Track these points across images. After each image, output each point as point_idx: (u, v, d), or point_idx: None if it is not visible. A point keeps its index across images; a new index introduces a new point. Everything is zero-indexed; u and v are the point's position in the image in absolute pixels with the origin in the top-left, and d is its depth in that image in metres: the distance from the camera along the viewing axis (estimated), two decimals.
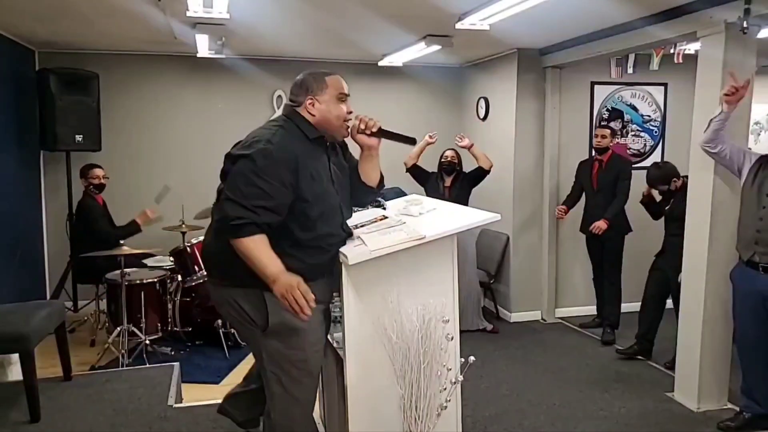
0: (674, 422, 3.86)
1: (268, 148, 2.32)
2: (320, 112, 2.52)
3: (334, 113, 2.55)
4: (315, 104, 2.51)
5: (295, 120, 2.50)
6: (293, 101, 2.55)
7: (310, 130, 2.49)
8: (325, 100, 2.52)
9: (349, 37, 5.39)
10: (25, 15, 4.55)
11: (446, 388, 2.47)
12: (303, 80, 2.56)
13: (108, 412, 3.53)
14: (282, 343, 2.44)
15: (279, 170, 2.32)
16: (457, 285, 2.68)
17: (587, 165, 5.58)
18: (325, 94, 2.53)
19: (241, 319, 2.47)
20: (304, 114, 2.51)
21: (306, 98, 2.51)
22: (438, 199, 5.23)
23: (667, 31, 4.24)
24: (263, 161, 2.30)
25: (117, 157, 6.11)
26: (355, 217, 3.03)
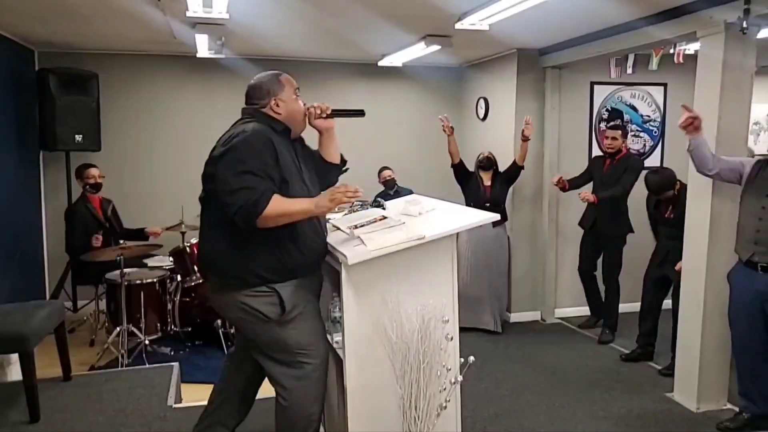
0: (674, 423, 3.86)
1: (246, 137, 2.44)
2: (285, 110, 2.65)
3: (297, 108, 2.69)
4: (279, 103, 2.63)
5: (260, 117, 2.61)
6: (256, 104, 2.66)
7: (276, 124, 2.62)
8: (286, 98, 2.65)
9: (348, 37, 5.39)
10: (25, 15, 4.54)
11: (446, 388, 2.47)
12: (261, 84, 2.67)
13: (107, 412, 3.53)
14: (296, 330, 2.54)
15: (261, 151, 2.44)
16: (456, 284, 2.68)
17: (600, 160, 5.56)
18: (285, 92, 2.66)
19: (253, 318, 2.50)
20: (269, 113, 2.63)
21: (270, 99, 2.63)
22: (478, 198, 5.45)
23: (667, 32, 4.24)
24: (244, 147, 2.42)
25: (116, 157, 6.11)
26: (355, 217, 3.03)
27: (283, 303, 2.49)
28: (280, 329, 2.52)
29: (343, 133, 7.13)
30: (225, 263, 2.50)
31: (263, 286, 2.48)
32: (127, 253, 4.76)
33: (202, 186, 2.57)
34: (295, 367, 2.55)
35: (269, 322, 2.50)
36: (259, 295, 2.49)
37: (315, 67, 6.64)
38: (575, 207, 6.08)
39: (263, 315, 2.49)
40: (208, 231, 2.60)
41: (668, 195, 4.65)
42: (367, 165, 6.57)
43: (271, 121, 2.60)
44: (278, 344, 2.55)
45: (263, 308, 2.49)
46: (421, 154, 7.01)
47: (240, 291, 2.49)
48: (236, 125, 2.61)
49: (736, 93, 3.77)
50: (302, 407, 2.58)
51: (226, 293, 2.54)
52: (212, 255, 2.56)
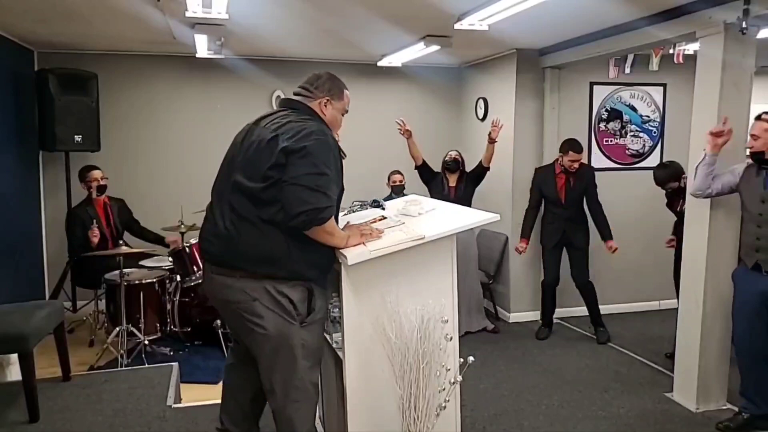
0: (673, 423, 3.86)
1: (325, 139, 2.48)
2: (330, 115, 2.70)
3: (338, 123, 2.78)
4: (329, 106, 2.69)
5: (316, 118, 2.63)
6: (308, 91, 2.68)
7: (328, 128, 2.65)
8: (337, 108, 2.74)
9: (348, 38, 5.39)
10: (25, 15, 4.54)
11: (445, 389, 2.47)
12: (327, 79, 2.73)
13: (107, 413, 3.52)
14: (314, 332, 2.58)
15: (335, 158, 2.51)
16: (456, 285, 2.68)
17: (550, 175, 5.42)
18: (339, 103, 2.75)
19: (281, 311, 2.48)
20: (316, 109, 2.65)
21: (324, 96, 2.67)
22: (442, 198, 5.28)
23: (666, 32, 4.24)
24: (324, 150, 2.44)
25: (116, 157, 6.10)
26: (354, 217, 3.03)
27: (313, 303, 2.53)
28: (301, 330, 2.53)
29: (342, 132, 7.14)
30: (280, 253, 2.45)
31: (305, 282, 2.51)
32: (126, 253, 4.77)
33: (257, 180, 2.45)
34: (310, 362, 2.57)
35: (288, 320, 2.49)
36: (298, 290, 2.50)
37: (314, 67, 6.52)
38: None
39: (295, 310, 2.49)
40: (259, 223, 2.46)
41: (673, 186, 4.65)
42: (366, 165, 6.58)
43: (324, 125, 2.62)
44: (292, 344, 2.52)
45: (299, 304, 2.50)
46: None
47: (282, 281, 2.47)
48: (288, 115, 2.58)
49: (736, 93, 3.77)
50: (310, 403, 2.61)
51: (255, 280, 2.47)
52: (266, 243, 2.45)
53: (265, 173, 2.41)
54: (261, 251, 2.45)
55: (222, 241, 2.52)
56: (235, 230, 2.48)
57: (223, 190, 2.57)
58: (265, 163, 2.42)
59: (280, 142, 2.41)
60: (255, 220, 2.45)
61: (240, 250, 2.49)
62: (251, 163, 2.47)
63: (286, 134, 2.43)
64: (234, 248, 2.50)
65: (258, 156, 2.45)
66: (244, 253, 2.48)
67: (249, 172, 2.47)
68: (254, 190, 2.44)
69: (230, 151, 2.64)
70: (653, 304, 6.22)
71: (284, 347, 2.51)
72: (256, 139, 2.50)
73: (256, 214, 2.45)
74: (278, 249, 2.45)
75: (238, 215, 2.48)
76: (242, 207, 2.47)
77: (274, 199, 2.42)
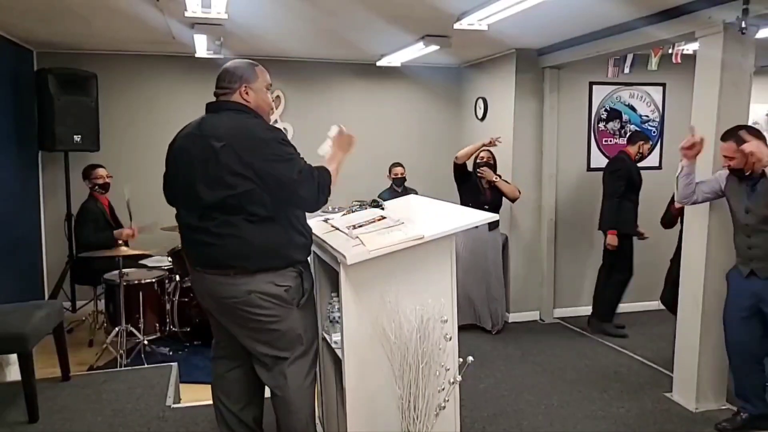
0: (672, 423, 3.86)
1: (260, 129, 2.55)
2: (254, 100, 2.65)
3: (266, 101, 2.70)
4: (249, 92, 2.64)
5: (245, 109, 2.63)
6: (224, 88, 2.68)
7: (259, 116, 2.66)
8: (257, 89, 2.66)
9: (347, 38, 5.39)
10: (24, 15, 4.54)
11: (444, 388, 2.47)
12: (236, 68, 2.68)
13: (106, 413, 3.52)
14: (309, 311, 2.74)
15: (284, 136, 2.60)
16: (455, 285, 2.68)
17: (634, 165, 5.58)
18: (257, 82, 2.66)
19: (278, 301, 2.55)
20: (238, 100, 2.64)
21: (241, 85, 2.63)
22: (476, 201, 5.28)
23: (666, 32, 4.24)
24: (270, 139, 2.51)
25: (115, 157, 6.10)
26: (353, 217, 3.03)
27: (305, 285, 2.65)
28: (300, 312, 2.64)
29: None
30: (270, 247, 2.52)
31: (291, 266, 2.59)
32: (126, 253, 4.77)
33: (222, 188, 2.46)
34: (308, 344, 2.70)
35: (285, 306, 2.58)
36: (288, 276, 2.58)
37: (313, 68, 6.64)
38: (574, 206, 6.11)
39: (289, 296, 2.58)
40: (240, 224, 2.48)
41: None
42: (365, 165, 6.58)
43: (254, 112, 2.63)
44: (289, 331, 2.62)
45: (294, 288, 2.59)
46: (420, 154, 7.01)
47: (271, 272, 2.54)
48: (221, 117, 2.60)
49: (735, 93, 3.77)
50: (302, 399, 2.68)
51: (249, 275, 2.52)
52: (258, 241, 2.50)
53: (229, 181, 2.44)
54: (248, 249, 2.50)
55: (208, 248, 2.55)
56: (218, 237, 2.51)
57: (190, 201, 2.57)
58: (225, 172, 2.43)
59: (236, 151, 2.44)
60: (236, 222, 2.49)
61: (227, 252, 2.52)
62: (211, 174, 2.46)
63: (236, 142, 2.46)
64: (221, 252, 2.53)
65: (217, 166, 2.44)
66: (233, 253, 2.52)
67: (212, 183, 2.47)
68: (228, 194, 2.45)
69: (179, 161, 2.64)
70: (653, 304, 6.21)
71: (288, 333, 2.62)
72: (209, 149, 2.47)
73: (233, 217, 2.49)
74: (264, 244, 2.51)
75: (215, 221, 2.50)
76: (217, 214, 2.50)
77: (247, 201, 2.46)
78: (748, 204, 3.48)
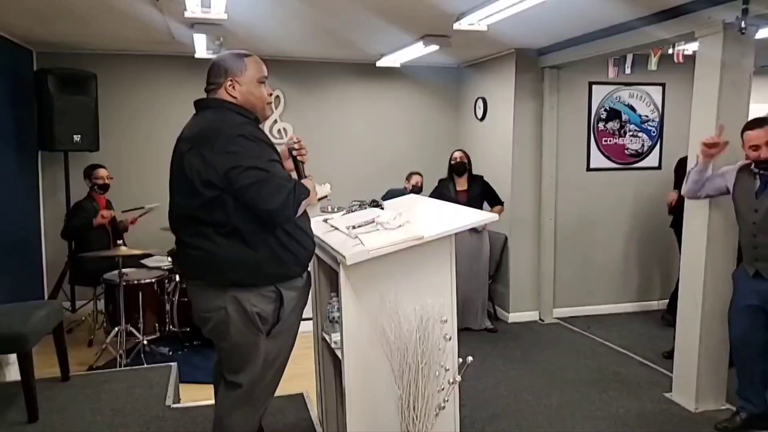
0: (672, 423, 3.86)
1: (230, 131, 2.26)
2: (242, 94, 2.41)
3: (257, 95, 2.45)
4: (235, 86, 2.40)
5: (226, 106, 2.39)
6: (211, 84, 2.44)
7: (246, 112, 2.41)
8: (246, 82, 2.42)
9: (346, 38, 5.39)
10: (23, 15, 4.54)
11: (444, 389, 2.47)
12: (221, 61, 2.44)
13: (106, 413, 3.52)
14: (281, 342, 2.49)
15: (252, 138, 2.28)
16: (455, 285, 2.68)
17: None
18: (245, 75, 2.42)
19: (249, 320, 2.35)
20: (225, 97, 2.40)
21: (226, 80, 2.40)
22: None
23: (665, 32, 4.24)
24: (239, 143, 2.24)
25: (115, 157, 6.10)
26: (353, 217, 3.03)
27: (282, 312, 2.41)
28: (268, 341, 2.42)
29: (341, 133, 7.18)
30: (244, 262, 2.32)
31: (272, 285, 2.38)
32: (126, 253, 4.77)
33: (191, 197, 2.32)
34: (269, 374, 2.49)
35: (250, 332, 2.38)
36: (266, 297, 2.38)
37: (313, 68, 6.64)
38: (573, 206, 6.11)
39: (261, 318, 2.37)
40: (212, 235, 2.33)
41: None
42: (365, 165, 6.59)
43: (237, 108, 2.39)
44: (262, 354, 2.42)
45: (265, 311, 2.38)
46: (419, 154, 7.00)
47: (247, 289, 2.35)
48: (198, 119, 2.42)
49: (735, 93, 3.77)
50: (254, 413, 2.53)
51: (226, 290, 2.35)
52: (230, 253, 2.31)
53: (198, 189, 2.28)
54: (217, 263, 2.33)
55: (185, 258, 2.46)
56: (192, 248, 2.39)
57: (171, 209, 2.49)
58: (195, 179, 2.27)
59: (201, 153, 2.26)
60: (207, 233, 2.32)
61: (198, 265, 2.40)
62: (182, 180, 2.34)
63: (202, 144, 2.27)
64: (193, 263, 2.42)
65: (189, 172, 2.30)
66: (203, 266, 2.38)
67: (183, 191, 2.35)
68: (197, 203, 2.31)
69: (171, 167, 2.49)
70: (653, 304, 6.22)
71: (246, 358, 2.42)
72: (180, 155, 2.36)
73: (205, 228, 2.33)
74: (234, 258, 2.32)
75: (189, 232, 2.39)
76: (192, 222, 2.36)
77: (216, 210, 2.29)
78: (757, 202, 3.46)
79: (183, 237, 2.44)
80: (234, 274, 2.33)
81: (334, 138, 6.68)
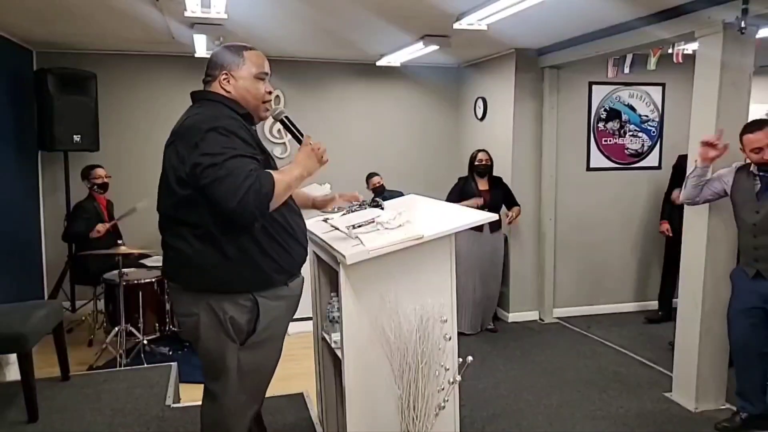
0: (672, 422, 3.87)
1: (201, 126, 2.12)
2: (236, 89, 2.30)
3: (252, 92, 2.31)
4: (230, 80, 2.29)
5: (215, 99, 2.29)
6: (207, 75, 2.34)
7: (236, 106, 2.29)
8: (242, 77, 2.30)
9: (346, 37, 5.39)
10: (23, 15, 4.54)
11: (444, 388, 2.47)
12: (218, 53, 2.34)
13: (106, 412, 3.52)
14: (258, 354, 2.30)
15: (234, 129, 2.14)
16: (455, 285, 2.68)
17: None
18: (242, 69, 2.30)
19: (222, 329, 2.22)
20: (218, 90, 2.30)
21: (221, 73, 2.29)
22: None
23: (665, 31, 4.24)
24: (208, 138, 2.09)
25: (115, 157, 6.10)
26: (353, 217, 3.03)
27: (258, 322, 2.25)
28: (242, 351, 2.27)
29: (341, 133, 7.18)
30: (217, 265, 2.18)
31: (249, 294, 2.23)
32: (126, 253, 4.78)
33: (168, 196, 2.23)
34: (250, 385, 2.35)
35: (222, 338, 2.24)
36: (241, 305, 2.23)
37: (313, 67, 6.64)
38: (573, 206, 6.12)
39: (234, 328, 2.23)
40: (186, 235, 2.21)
41: None
42: (365, 165, 6.58)
43: (228, 102, 2.28)
44: (236, 365, 2.29)
45: (238, 320, 2.23)
46: (419, 154, 7.02)
47: (221, 295, 2.21)
48: (188, 111, 2.32)
49: (735, 93, 3.78)
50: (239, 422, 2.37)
51: (200, 294, 2.23)
52: (203, 255, 2.18)
53: (173, 187, 2.19)
54: (189, 265, 2.22)
55: (166, 259, 2.35)
56: (169, 249, 2.29)
57: (157, 206, 2.35)
58: (172, 176, 2.18)
59: (176, 148, 2.18)
60: (183, 234, 2.21)
61: (174, 266, 2.30)
62: (162, 177, 2.26)
63: (178, 138, 2.20)
64: (169, 265, 2.33)
65: (168, 170, 2.22)
66: (177, 268, 2.29)
67: (163, 189, 2.26)
68: (172, 202, 2.22)
69: None
70: (653, 303, 6.21)
71: (219, 366, 2.29)
72: (164, 150, 2.27)
73: (181, 228, 2.22)
74: (207, 262, 2.19)
75: (168, 233, 2.29)
76: (171, 222, 2.26)
77: (190, 209, 2.17)
78: (758, 204, 3.45)
79: (164, 237, 2.31)
80: (207, 278, 2.20)
81: (334, 138, 6.67)
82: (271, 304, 2.28)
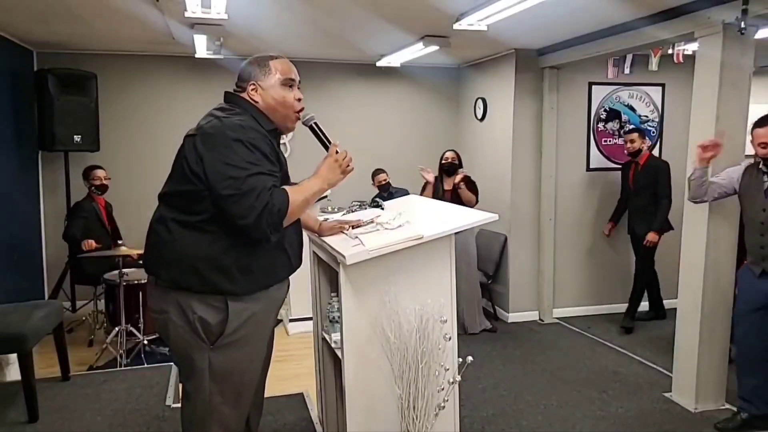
0: (672, 423, 3.87)
1: (223, 135, 2.12)
2: (263, 99, 2.32)
3: (279, 100, 2.33)
4: (257, 89, 2.32)
5: (245, 107, 2.29)
6: (237, 86, 2.37)
7: (264, 122, 2.28)
8: (269, 86, 2.33)
9: (346, 38, 5.40)
10: (24, 15, 4.54)
11: (444, 388, 2.47)
12: (244, 68, 2.38)
13: (106, 412, 3.52)
14: (231, 355, 2.21)
15: (259, 144, 2.14)
16: (455, 285, 2.68)
17: (626, 167, 5.74)
18: (269, 78, 2.35)
19: (190, 328, 2.17)
20: (248, 100, 2.32)
21: (248, 84, 2.33)
22: None
23: (665, 32, 4.24)
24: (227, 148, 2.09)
25: (115, 157, 6.11)
26: (353, 217, 3.03)
27: (228, 324, 2.17)
28: (213, 352, 2.20)
29: (341, 133, 7.18)
30: (191, 262, 2.14)
31: (219, 296, 2.16)
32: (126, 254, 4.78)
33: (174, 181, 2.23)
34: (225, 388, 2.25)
35: (193, 339, 2.18)
36: (211, 305, 2.16)
37: (313, 68, 6.64)
38: (573, 206, 6.12)
39: (203, 329, 2.17)
40: (171, 225, 2.18)
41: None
42: (364, 165, 6.57)
43: (258, 115, 2.28)
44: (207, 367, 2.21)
45: (207, 321, 2.17)
46: (419, 154, 6.99)
47: (193, 294, 2.16)
48: (216, 110, 2.29)
49: (735, 93, 3.78)
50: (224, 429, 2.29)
51: (173, 292, 2.18)
52: (180, 250, 2.15)
53: (181, 175, 2.18)
54: (168, 257, 2.18)
55: (146, 245, 2.31)
56: (151, 233, 2.26)
57: None
58: (184, 165, 2.17)
59: (196, 142, 2.15)
60: (167, 218, 2.19)
61: (151, 255, 2.26)
62: (175, 165, 2.24)
63: (201, 134, 2.17)
64: (150, 248, 2.27)
65: (178, 157, 2.23)
66: (154, 257, 2.24)
67: (171, 173, 2.26)
68: (169, 191, 2.22)
69: None
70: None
71: (190, 366, 2.23)
72: (184, 140, 2.26)
73: (169, 215, 2.20)
74: (187, 254, 2.14)
75: (156, 215, 2.26)
76: (160, 208, 2.26)
77: (189, 200, 2.16)
78: (766, 201, 3.44)
79: (151, 222, 2.27)
80: (178, 272, 2.16)
81: (334, 138, 6.66)
82: (244, 306, 2.20)
